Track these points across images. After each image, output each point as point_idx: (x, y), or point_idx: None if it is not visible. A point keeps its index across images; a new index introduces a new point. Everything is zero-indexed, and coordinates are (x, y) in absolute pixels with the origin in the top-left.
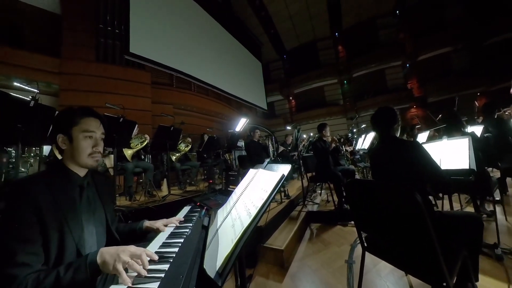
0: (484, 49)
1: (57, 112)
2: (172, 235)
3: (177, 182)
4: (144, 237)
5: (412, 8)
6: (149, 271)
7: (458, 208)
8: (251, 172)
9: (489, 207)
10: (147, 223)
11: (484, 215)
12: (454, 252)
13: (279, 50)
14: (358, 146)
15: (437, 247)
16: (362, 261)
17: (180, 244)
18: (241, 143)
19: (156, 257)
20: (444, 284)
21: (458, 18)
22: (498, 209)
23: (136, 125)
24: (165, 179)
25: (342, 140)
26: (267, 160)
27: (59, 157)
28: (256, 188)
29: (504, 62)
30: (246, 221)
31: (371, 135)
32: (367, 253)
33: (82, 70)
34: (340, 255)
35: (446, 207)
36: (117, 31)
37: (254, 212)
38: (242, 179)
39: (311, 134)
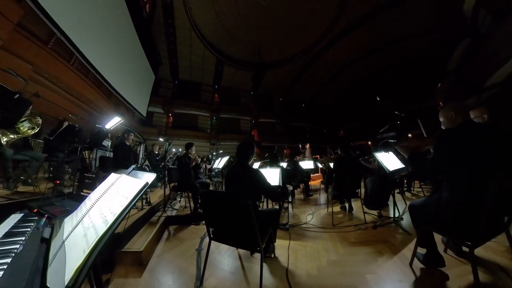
0: (290, 126)
1: None
2: None
3: (4, 178)
4: None
5: (259, 94)
6: None
7: (271, 206)
8: (113, 176)
9: (286, 205)
10: None
11: (283, 209)
12: (265, 230)
13: (173, 75)
14: (215, 165)
15: (256, 229)
16: (208, 246)
17: (5, 267)
18: (107, 143)
19: None
20: (258, 248)
21: (279, 108)
22: (290, 205)
23: None
24: None
25: (204, 159)
26: (133, 166)
27: None
28: (116, 194)
29: (298, 135)
30: (102, 229)
31: (226, 159)
32: (212, 242)
33: None
34: (192, 247)
35: (265, 207)
36: None
37: (111, 219)
38: (100, 183)
39: (180, 149)
